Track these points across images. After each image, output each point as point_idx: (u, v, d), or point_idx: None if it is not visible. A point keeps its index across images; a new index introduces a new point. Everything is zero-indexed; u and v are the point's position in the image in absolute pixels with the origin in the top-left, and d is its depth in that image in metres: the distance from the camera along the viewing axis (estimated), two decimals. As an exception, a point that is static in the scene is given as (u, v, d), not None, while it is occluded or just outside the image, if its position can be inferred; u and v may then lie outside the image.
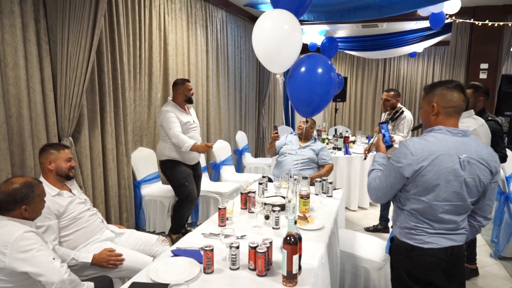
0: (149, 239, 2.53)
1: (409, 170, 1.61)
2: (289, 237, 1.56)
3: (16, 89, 2.54)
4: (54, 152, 2.23)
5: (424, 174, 1.60)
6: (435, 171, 1.59)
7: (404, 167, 1.62)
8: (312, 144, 3.70)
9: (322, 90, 2.40)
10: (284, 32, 2.30)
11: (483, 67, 5.64)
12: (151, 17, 3.91)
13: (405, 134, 3.74)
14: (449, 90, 1.64)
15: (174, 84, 3.54)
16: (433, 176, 1.59)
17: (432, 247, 1.65)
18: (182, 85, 3.50)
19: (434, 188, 1.61)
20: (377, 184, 1.75)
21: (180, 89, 3.49)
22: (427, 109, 1.70)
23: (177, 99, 3.51)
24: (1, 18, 2.43)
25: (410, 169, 1.61)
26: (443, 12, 4.55)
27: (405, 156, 1.62)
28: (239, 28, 6.18)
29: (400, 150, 1.66)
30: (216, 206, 4.02)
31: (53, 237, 2.08)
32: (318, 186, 2.89)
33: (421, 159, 1.59)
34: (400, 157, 1.64)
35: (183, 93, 3.49)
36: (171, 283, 1.49)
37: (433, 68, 9.95)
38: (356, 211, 4.79)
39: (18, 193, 1.71)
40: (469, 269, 3.12)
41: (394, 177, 1.67)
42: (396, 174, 1.66)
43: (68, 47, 2.71)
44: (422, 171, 1.60)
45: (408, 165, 1.61)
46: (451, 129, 1.64)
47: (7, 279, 1.61)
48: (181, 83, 3.51)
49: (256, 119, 7.22)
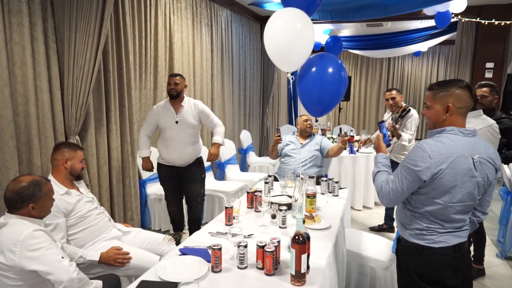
0: (156, 238, 2.53)
1: (427, 173, 1.57)
2: (297, 236, 1.56)
3: (23, 88, 2.55)
4: (71, 151, 2.25)
5: (442, 177, 1.57)
6: (453, 174, 1.57)
7: (423, 171, 1.57)
8: (313, 139, 3.72)
9: (333, 90, 2.39)
10: (296, 30, 2.28)
11: (488, 66, 5.61)
12: (156, 16, 3.92)
13: (412, 132, 3.73)
14: (462, 90, 1.61)
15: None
16: (451, 178, 1.57)
17: (442, 245, 1.64)
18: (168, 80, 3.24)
19: (450, 190, 1.59)
20: (391, 188, 1.68)
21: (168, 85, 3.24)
22: (439, 109, 1.65)
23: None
24: (9, 17, 2.44)
25: (429, 172, 1.56)
26: (449, 11, 4.53)
27: (422, 160, 1.57)
28: (244, 27, 6.18)
29: (417, 153, 1.60)
30: (221, 205, 4.03)
31: (61, 235, 2.09)
32: (324, 185, 2.89)
33: (439, 162, 1.56)
34: (417, 160, 1.59)
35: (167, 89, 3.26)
36: (180, 281, 1.50)
37: (438, 67, 9.92)
38: (361, 210, 4.78)
39: (25, 191, 1.71)
40: (476, 269, 3.11)
41: (410, 181, 1.62)
42: (413, 178, 1.61)
43: (75, 46, 2.72)
44: (440, 174, 1.56)
45: (426, 169, 1.56)
46: (463, 129, 1.63)
47: (17, 277, 1.62)
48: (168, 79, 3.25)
49: (260, 118, 7.22)
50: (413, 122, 3.75)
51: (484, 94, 2.95)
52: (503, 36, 5.45)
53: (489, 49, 5.56)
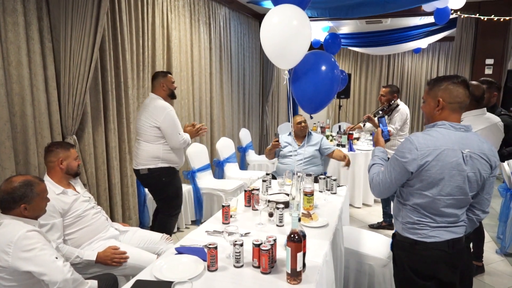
0: (153, 237, 2.53)
1: (413, 165, 1.61)
2: (293, 234, 1.55)
3: (19, 88, 2.54)
4: (64, 151, 2.24)
5: (429, 169, 1.60)
6: (440, 166, 1.59)
7: (409, 162, 1.62)
8: (310, 139, 3.70)
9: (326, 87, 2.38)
10: (292, 27, 2.26)
11: (488, 62, 5.59)
12: (154, 15, 3.90)
13: (397, 126, 3.81)
14: (455, 85, 1.64)
15: (154, 77, 3.12)
16: (438, 171, 1.60)
17: (435, 240, 1.66)
18: (164, 78, 3.07)
19: (438, 182, 1.61)
20: (380, 179, 1.75)
21: (162, 82, 3.06)
22: (432, 103, 1.70)
23: (162, 94, 3.07)
24: (4, 16, 2.43)
25: (415, 164, 1.61)
26: (448, 7, 4.50)
27: (410, 151, 1.62)
28: (242, 25, 6.16)
29: (405, 145, 1.66)
30: (219, 204, 4.02)
31: (58, 235, 2.09)
32: (322, 183, 2.87)
33: (426, 154, 1.60)
34: (404, 152, 1.64)
35: (166, 86, 3.07)
36: (175, 280, 1.49)
37: (438, 64, 9.89)
38: (361, 208, 4.77)
39: (17, 192, 1.70)
40: (475, 266, 3.10)
41: (398, 172, 1.67)
42: (401, 169, 1.66)
43: (71, 45, 2.71)
44: (426, 166, 1.60)
45: (413, 160, 1.61)
46: (454, 124, 1.65)
47: (11, 278, 1.61)
48: (163, 76, 3.09)
49: (259, 116, 7.20)
50: (399, 117, 3.83)
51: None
52: (502, 32, 5.42)
53: (489, 45, 5.53)
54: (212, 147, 5.11)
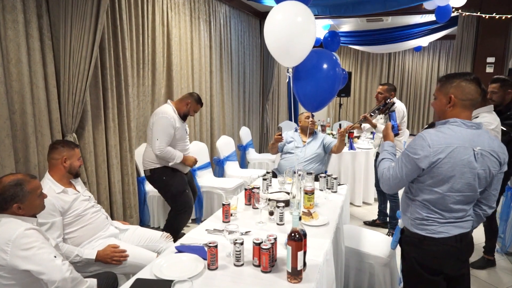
0: (153, 235, 2.52)
1: (425, 162, 1.61)
2: (293, 233, 1.54)
3: (19, 85, 2.53)
4: (69, 150, 2.23)
5: (441, 166, 1.60)
6: (451, 163, 1.59)
7: (421, 159, 1.61)
8: (316, 137, 3.69)
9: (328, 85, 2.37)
10: (297, 24, 2.24)
11: (489, 61, 5.57)
12: (154, 12, 3.89)
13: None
14: (467, 82, 1.64)
15: (188, 96, 3.31)
16: (449, 168, 1.60)
17: (443, 236, 1.67)
18: (195, 103, 3.31)
19: (448, 179, 1.62)
20: (391, 174, 1.75)
21: (191, 105, 3.29)
22: (443, 100, 1.69)
23: (180, 109, 3.28)
24: (3, 14, 2.42)
25: (427, 161, 1.60)
26: (449, 5, 4.49)
27: (422, 148, 1.61)
28: (243, 23, 6.14)
29: (417, 142, 1.65)
30: (220, 202, 4.01)
31: (57, 234, 2.08)
32: (322, 181, 2.87)
33: (438, 151, 1.59)
34: (417, 148, 1.63)
35: (189, 108, 3.28)
36: (175, 279, 1.48)
37: (439, 62, 9.87)
38: (361, 206, 4.77)
39: (7, 192, 1.67)
40: (486, 259, 3.16)
41: (409, 168, 1.67)
42: (412, 166, 1.65)
43: (71, 42, 2.70)
44: (438, 163, 1.60)
45: (425, 157, 1.60)
46: (466, 121, 1.65)
47: (10, 276, 1.60)
48: (196, 101, 3.31)
49: (260, 114, 7.19)
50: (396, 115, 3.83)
51: (493, 90, 2.92)
52: (504, 30, 5.40)
53: (490, 44, 5.51)
54: (212, 145, 5.10)
